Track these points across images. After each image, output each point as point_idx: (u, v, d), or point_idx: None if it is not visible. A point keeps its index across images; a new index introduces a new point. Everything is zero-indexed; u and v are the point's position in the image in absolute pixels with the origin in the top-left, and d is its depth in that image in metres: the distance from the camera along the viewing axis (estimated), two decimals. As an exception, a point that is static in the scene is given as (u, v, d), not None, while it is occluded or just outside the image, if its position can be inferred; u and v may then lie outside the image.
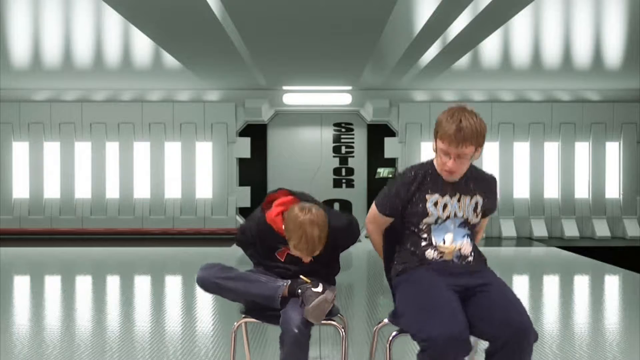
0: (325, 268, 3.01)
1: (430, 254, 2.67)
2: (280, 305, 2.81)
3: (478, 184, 2.74)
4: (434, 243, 2.67)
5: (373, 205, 2.83)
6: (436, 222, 2.67)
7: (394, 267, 2.80)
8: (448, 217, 2.68)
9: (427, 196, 2.67)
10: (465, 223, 2.70)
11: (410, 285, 2.62)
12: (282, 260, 2.97)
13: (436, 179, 2.69)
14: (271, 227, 2.90)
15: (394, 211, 2.75)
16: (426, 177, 2.70)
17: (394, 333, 2.68)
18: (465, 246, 2.69)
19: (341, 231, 2.89)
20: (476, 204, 2.73)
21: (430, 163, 2.75)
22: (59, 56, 8.63)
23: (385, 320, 2.80)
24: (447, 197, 2.68)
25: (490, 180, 2.81)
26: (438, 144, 2.60)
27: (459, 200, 2.69)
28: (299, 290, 2.78)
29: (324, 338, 4.33)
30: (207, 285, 2.89)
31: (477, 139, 2.52)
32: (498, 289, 2.57)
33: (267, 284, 2.84)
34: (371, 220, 2.87)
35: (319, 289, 2.76)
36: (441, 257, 2.66)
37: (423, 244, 2.68)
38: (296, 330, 2.68)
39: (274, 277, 2.89)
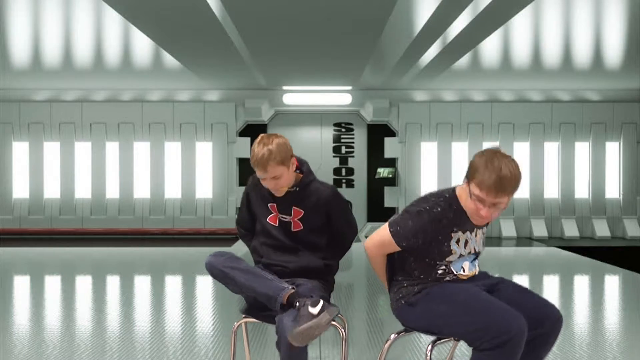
0: (312, 235, 3.02)
1: (448, 280, 2.64)
2: (280, 309, 2.75)
3: None
4: (454, 272, 2.63)
5: (384, 232, 2.62)
6: (457, 259, 2.63)
7: (404, 288, 2.67)
8: (469, 253, 2.64)
9: (452, 234, 2.57)
10: (476, 254, 2.72)
11: (446, 296, 2.55)
12: (276, 224, 3.02)
13: (460, 214, 2.57)
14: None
15: (412, 245, 2.58)
16: (450, 213, 2.55)
17: (429, 346, 2.62)
18: (477, 270, 2.74)
19: (338, 213, 3.05)
20: (483, 234, 2.72)
21: (452, 196, 2.58)
22: (59, 56, 8.63)
23: (393, 335, 2.71)
24: (467, 233, 2.61)
25: None
26: (473, 189, 2.44)
27: (475, 235, 2.65)
28: (297, 304, 2.69)
29: (324, 338, 4.33)
30: (215, 271, 2.88)
31: (515, 189, 2.42)
32: (516, 284, 2.69)
33: (272, 282, 2.80)
34: (378, 245, 2.67)
35: (317, 309, 2.61)
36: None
37: (440, 272, 2.62)
38: (290, 337, 2.63)
39: (278, 278, 2.87)
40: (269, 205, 3.04)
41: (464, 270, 2.64)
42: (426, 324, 2.61)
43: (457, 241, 2.58)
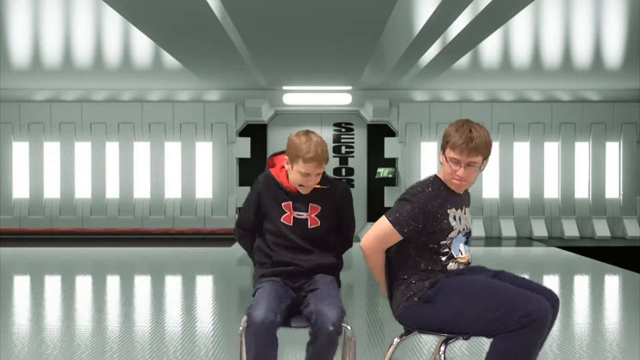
0: (326, 233, 2.99)
1: (451, 266, 2.67)
2: None
3: (466, 195, 2.82)
4: (454, 255, 2.68)
5: (382, 224, 2.63)
6: (457, 235, 2.69)
7: (414, 284, 2.64)
8: (463, 229, 2.73)
9: (449, 211, 2.66)
10: (468, 233, 2.78)
11: (461, 292, 2.56)
12: (290, 224, 2.94)
13: (447, 192, 2.68)
14: (275, 179, 3.01)
15: (413, 230, 2.60)
16: (442, 192, 2.66)
17: (442, 346, 2.60)
18: (469, 255, 2.78)
19: (347, 208, 3.07)
20: (469, 213, 2.82)
21: (435, 178, 2.70)
22: (59, 56, 8.63)
23: (397, 340, 2.70)
24: (459, 210, 2.71)
25: (468, 191, 2.86)
26: (448, 153, 2.61)
27: (464, 213, 2.76)
28: None
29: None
30: (249, 332, 2.64)
31: (486, 150, 2.61)
32: (513, 274, 2.79)
33: None
34: (378, 239, 2.65)
35: None
36: (458, 267, 2.70)
37: (444, 258, 2.65)
38: (331, 328, 2.55)
39: None
40: (283, 204, 2.98)
41: (461, 253, 2.71)
42: (440, 322, 2.57)
43: (454, 217, 2.68)
